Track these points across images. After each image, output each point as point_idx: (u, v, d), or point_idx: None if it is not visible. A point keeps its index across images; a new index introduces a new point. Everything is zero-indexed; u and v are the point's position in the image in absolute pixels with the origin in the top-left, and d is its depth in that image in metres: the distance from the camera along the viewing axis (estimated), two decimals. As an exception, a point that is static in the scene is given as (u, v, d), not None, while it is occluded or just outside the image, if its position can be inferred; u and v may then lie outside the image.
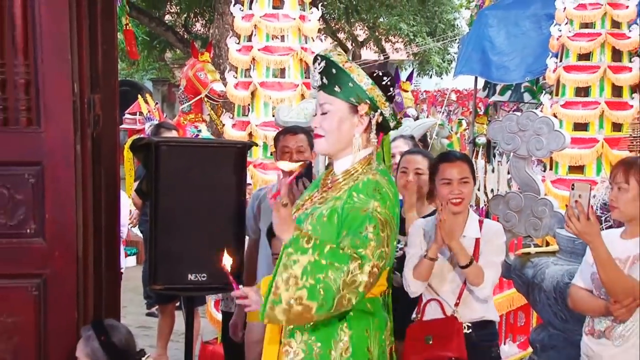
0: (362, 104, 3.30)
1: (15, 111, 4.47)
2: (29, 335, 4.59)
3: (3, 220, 4.49)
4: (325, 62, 3.27)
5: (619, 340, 4.24)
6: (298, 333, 3.28)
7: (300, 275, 3.00)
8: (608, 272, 4.12)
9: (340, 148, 3.34)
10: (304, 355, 3.26)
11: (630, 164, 4.20)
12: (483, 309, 4.78)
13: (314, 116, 3.40)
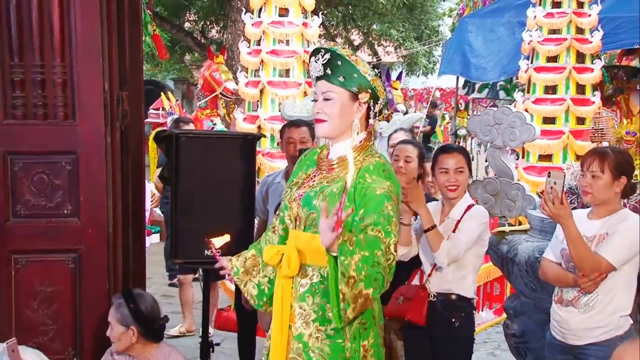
0: (364, 92, 3.28)
1: (53, 107, 4.47)
2: (67, 303, 4.60)
3: (43, 202, 4.51)
4: (330, 54, 3.25)
5: (584, 309, 4.25)
6: (309, 297, 3.26)
7: (356, 274, 2.96)
8: (578, 249, 4.14)
9: (341, 132, 3.31)
10: (315, 315, 3.24)
11: (604, 155, 4.19)
12: (453, 284, 4.73)
13: (314, 101, 3.35)
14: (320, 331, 3.24)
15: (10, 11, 4.37)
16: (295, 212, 3.31)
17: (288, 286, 3.30)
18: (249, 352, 6.11)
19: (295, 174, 3.49)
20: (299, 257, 3.27)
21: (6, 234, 4.51)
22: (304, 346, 3.24)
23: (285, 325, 3.28)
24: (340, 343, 3.25)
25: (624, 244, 4.15)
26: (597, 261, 4.13)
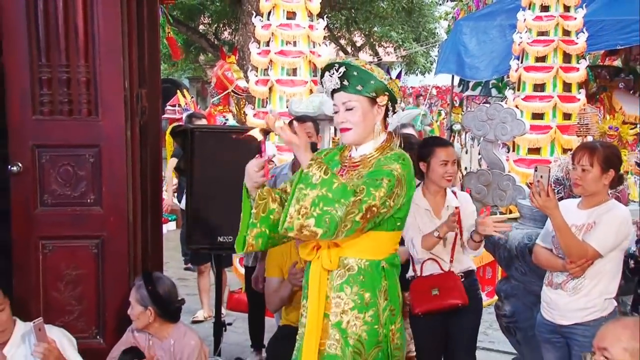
0: (382, 96, 3.27)
1: (78, 104, 4.48)
2: (90, 285, 4.61)
3: (69, 192, 4.52)
4: (345, 67, 3.24)
5: (572, 292, 4.26)
6: (346, 287, 3.24)
7: (309, 206, 2.95)
8: (565, 237, 4.15)
9: (366, 136, 3.30)
10: (353, 304, 3.24)
11: (593, 150, 4.20)
12: (467, 261, 4.89)
13: (335, 114, 3.32)
14: (359, 318, 3.24)
15: (38, 15, 4.38)
16: None
17: (324, 278, 3.28)
18: (259, 331, 6.12)
19: None
20: (337, 251, 3.26)
21: (35, 221, 4.52)
22: (342, 333, 3.24)
23: (321, 314, 3.26)
24: (376, 329, 3.27)
25: (609, 232, 4.15)
26: (584, 248, 4.14)
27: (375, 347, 3.26)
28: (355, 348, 3.23)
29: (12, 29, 4.42)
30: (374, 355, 3.26)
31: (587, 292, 4.24)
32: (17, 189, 4.52)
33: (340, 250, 3.25)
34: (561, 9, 11.51)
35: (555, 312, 4.37)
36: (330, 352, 3.24)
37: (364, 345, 3.24)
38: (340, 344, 3.24)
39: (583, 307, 4.25)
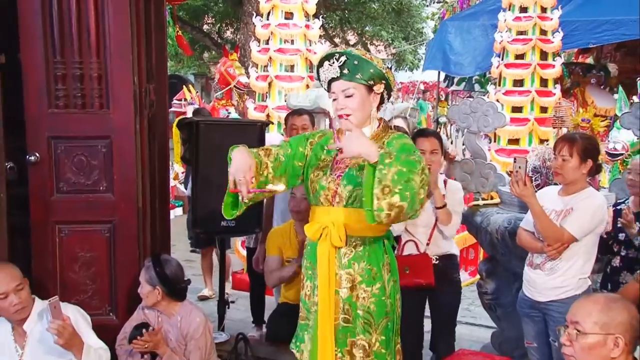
0: (379, 84, 3.27)
1: (90, 98, 4.48)
2: (103, 266, 4.62)
3: (82, 180, 4.52)
4: (345, 56, 3.22)
5: (549, 272, 4.29)
6: (354, 263, 3.25)
7: (391, 185, 2.87)
8: (542, 222, 4.19)
9: (363, 121, 3.29)
10: (361, 278, 3.24)
11: (573, 141, 4.22)
12: (447, 246, 4.90)
13: (334, 101, 3.29)
14: (367, 292, 3.25)
15: (53, 15, 4.37)
16: (334, 190, 3.26)
17: (333, 256, 3.27)
18: (259, 308, 6.13)
19: (316, 155, 3.42)
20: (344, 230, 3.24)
21: (51, 207, 4.52)
22: (353, 306, 3.25)
23: (332, 290, 3.26)
24: (384, 300, 3.28)
25: (585, 218, 4.17)
26: (560, 233, 4.16)
27: (384, 318, 3.28)
28: (365, 319, 3.25)
29: (28, 28, 4.40)
30: (383, 325, 3.28)
31: (563, 272, 4.26)
32: (35, 177, 4.52)
33: (347, 229, 3.25)
34: (538, 10, 11.57)
35: (534, 290, 4.40)
36: (342, 325, 3.25)
37: (373, 317, 3.26)
38: (351, 316, 3.25)
39: (559, 286, 4.27)
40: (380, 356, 3.26)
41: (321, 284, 3.28)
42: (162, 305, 4.35)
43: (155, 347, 4.21)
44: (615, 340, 2.58)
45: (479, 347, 5.80)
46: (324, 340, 3.25)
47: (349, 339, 3.25)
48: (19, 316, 3.98)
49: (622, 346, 2.58)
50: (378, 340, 3.26)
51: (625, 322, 2.59)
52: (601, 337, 2.60)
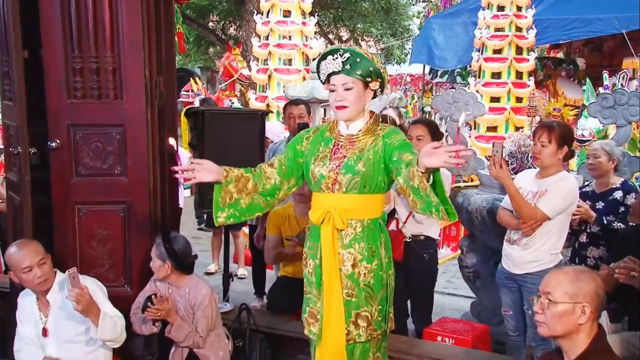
0: (374, 81, 3.27)
1: (106, 89, 4.46)
2: (118, 243, 4.62)
3: (99, 164, 4.52)
4: (349, 53, 3.22)
5: (524, 247, 4.33)
6: (355, 243, 3.26)
7: None
8: (517, 201, 4.23)
9: (357, 114, 3.29)
10: (361, 257, 3.26)
11: (551, 128, 4.24)
12: (423, 228, 4.85)
13: (332, 92, 3.28)
14: (367, 268, 3.27)
15: (71, 14, 4.35)
16: (334, 178, 3.26)
17: (336, 238, 3.28)
18: (261, 280, 6.15)
19: (314, 149, 3.40)
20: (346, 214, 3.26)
21: (71, 189, 4.52)
22: (355, 282, 3.26)
23: (337, 268, 3.27)
24: (381, 274, 3.30)
25: (557, 199, 4.19)
26: (534, 211, 4.19)
27: (381, 290, 3.31)
28: (366, 292, 3.27)
29: (49, 26, 4.39)
30: (381, 296, 3.31)
31: (537, 247, 4.29)
32: (56, 162, 4.51)
33: (348, 213, 3.26)
34: (514, 9, 11.70)
35: (511, 263, 4.43)
36: (347, 299, 3.27)
37: (373, 290, 3.28)
38: (354, 291, 3.27)
39: (533, 260, 4.30)
40: (377, 324, 3.30)
41: (326, 263, 3.29)
42: (171, 278, 4.36)
43: (166, 315, 4.22)
44: (582, 309, 2.60)
45: (459, 315, 5.84)
46: (331, 314, 3.27)
47: (354, 311, 3.27)
48: (42, 288, 4.00)
49: (589, 314, 2.60)
50: (377, 310, 3.30)
51: (592, 292, 2.61)
52: (570, 306, 2.62)
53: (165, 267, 4.30)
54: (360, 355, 3.30)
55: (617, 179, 4.98)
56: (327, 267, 3.28)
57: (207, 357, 4.37)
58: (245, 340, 4.68)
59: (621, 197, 4.81)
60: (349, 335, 3.26)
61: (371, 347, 3.33)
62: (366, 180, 3.21)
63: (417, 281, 4.94)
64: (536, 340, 4.37)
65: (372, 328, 3.28)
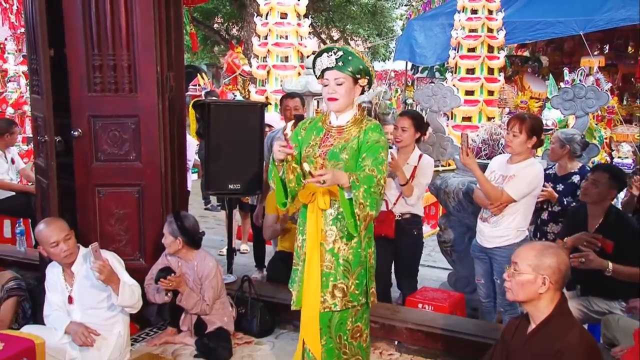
0: (363, 78, 3.27)
1: (122, 84, 4.47)
2: (133, 221, 4.63)
3: (116, 151, 4.53)
4: (342, 52, 3.22)
5: (494, 224, 4.37)
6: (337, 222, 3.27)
7: (363, 201, 3.07)
8: (483, 185, 4.28)
9: (346, 106, 3.29)
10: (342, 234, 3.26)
11: (522, 120, 4.26)
12: (410, 207, 4.85)
13: (325, 87, 3.29)
14: (347, 245, 3.26)
15: (92, 17, 4.36)
16: (321, 164, 3.27)
17: (320, 216, 3.28)
18: (261, 255, 6.16)
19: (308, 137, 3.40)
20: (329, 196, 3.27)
21: (91, 173, 4.53)
22: (335, 256, 3.26)
23: (318, 243, 3.28)
24: (359, 252, 3.29)
25: (523, 183, 4.21)
26: (499, 194, 4.22)
27: (359, 266, 3.29)
28: (344, 267, 3.26)
29: (72, 28, 4.39)
30: (358, 272, 3.29)
31: (505, 225, 4.31)
32: (78, 149, 4.51)
33: (331, 195, 3.26)
34: (486, 12, 11.78)
35: (483, 238, 4.46)
36: (326, 271, 3.27)
37: (351, 265, 3.27)
38: (333, 264, 3.26)
39: (500, 236, 4.33)
40: (353, 296, 3.29)
41: (309, 239, 3.30)
42: (182, 253, 4.38)
43: (177, 286, 4.25)
44: (543, 280, 2.63)
45: (438, 284, 5.87)
46: (310, 283, 3.28)
47: (331, 282, 3.26)
48: (68, 260, 4.01)
49: (548, 284, 2.63)
50: (353, 284, 3.28)
51: (553, 266, 2.63)
52: (532, 276, 2.65)
53: (177, 243, 4.32)
54: (337, 323, 3.30)
55: (577, 164, 5.00)
56: (310, 241, 3.30)
57: (214, 323, 4.41)
58: (247, 308, 4.70)
59: (578, 180, 4.84)
60: (325, 303, 3.26)
61: (349, 317, 3.32)
62: (348, 168, 3.20)
63: (407, 253, 4.96)
64: (504, 306, 4.42)
65: (347, 299, 3.27)
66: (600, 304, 4.08)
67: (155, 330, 4.71)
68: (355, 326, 3.35)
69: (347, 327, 3.32)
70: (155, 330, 4.70)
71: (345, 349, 3.33)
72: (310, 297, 3.28)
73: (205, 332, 4.38)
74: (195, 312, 4.36)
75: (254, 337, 4.60)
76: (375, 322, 4.35)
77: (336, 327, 3.30)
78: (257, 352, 4.41)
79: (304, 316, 3.35)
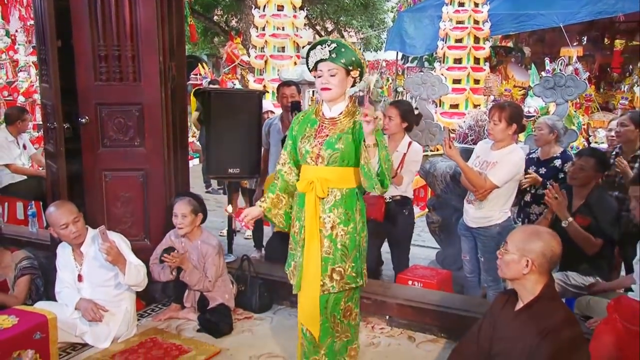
0: (355, 70, 3.25)
1: (126, 73, 4.46)
2: (139, 203, 4.64)
3: (121, 137, 4.53)
4: (336, 44, 3.20)
5: (478, 206, 4.38)
6: (334, 209, 3.25)
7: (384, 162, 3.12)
8: (467, 173, 4.30)
9: (339, 96, 3.26)
10: (339, 220, 3.24)
11: (502, 108, 4.27)
12: (400, 191, 4.82)
13: (319, 77, 3.25)
14: (344, 230, 3.25)
15: (97, 10, 4.35)
16: (317, 154, 3.24)
17: (318, 204, 3.26)
18: (259, 235, 6.17)
19: (301, 130, 3.38)
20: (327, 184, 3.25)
21: (98, 158, 4.53)
22: (333, 242, 3.25)
23: (317, 230, 3.26)
24: (355, 236, 3.28)
25: (504, 169, 4.22)
26: (483, 181, 4.25)
27: (355, 250, 3.29)
28: (342, 251, 3.25)
29: (79, 21, 4.37)
30: (354, 255, 3.29)
31: (489, 208, 4.34)
32: (86, 135, 4.51)
33: (328, 183, 3.24)
34: (472, 5, 11.83)
35: (468, 218, 4.48)
36: (325, 256, 3.26)
37: (347, 249, 3.26)
38: (332, 249, 3.25)
39: (484, 217, 4.35)
40: (350, 278, 3.29)
41: (308, 226, 3.28)
42: (191, 232, 4.41)
43: (180, 263, 4.27)
44: (527, 262, 2.65)
45: (427, 262, 5.89)
46: (311, 268, 3.28)
47: (330, 267, 3.26)
48: (77, 241, 4.03)
49: (532, 267, 2.65)
50: (350, 267, 3.28)
51: (538, 251, 2.65)
52: (516, 257, 2.67)
53: (198, 219, 4.40)
54: (332, 304, 3.30)
55: (559, 148, 5.01)
56: (309, 228, 3.27)
57: (215, 299, 4.43)
58: (247, 285, 4.72)
59: (560, 164, 4.86)
60: (324, 286, 3.26)
61: (343, 297, 3.32)
62: (344, 156, 3.20)
63: (398, 233, 4.95)
64: (488, 281, 4.46)
65: (344, 281, 3.27)
66: (576, 279, 4.15)
67: (160, 306, 4.73)
68: (346, 306, 3.37)
69: (340, 307, 3.33)
70: (160, 307, 4.72)
71: (337, 327, 3.35)
72: (310, 282, 3.28)
73: (207, 308, 4.41)
74: (198, 288, 4.38)
75: (253, 313, 4.62)
76: (368, 298, 4.38)
77: (332, 308, 3.31)
78: (256, 326, 4.44)
79: (303, 300, 3.35)
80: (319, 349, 3.35)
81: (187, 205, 4.37)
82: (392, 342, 4.19)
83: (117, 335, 4.10)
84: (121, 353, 3.95)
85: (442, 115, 11.32)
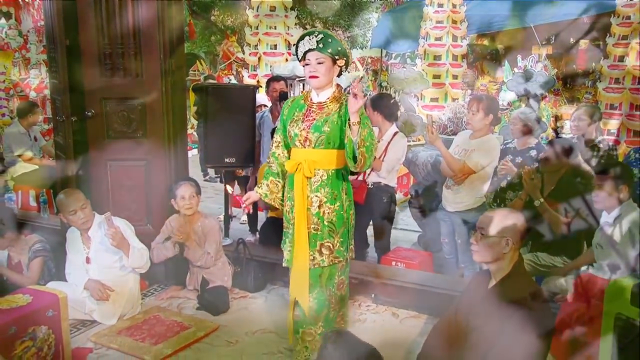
0: (341, 59, 3.23)
1: (129, 69, 4.45)
2: (141, 191, 4.64)
3: (125, 129, 4.52)
4: (322, 35, 3.19)
5: (456, 191, 4.41)
6: (321, 188, 3.24)
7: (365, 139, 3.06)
8: (447, 159, 4.32)
9: (326, 84, 3.25)
10: (326, 199, 3.24)
11: (479, 100, 4.31)
12: (381, 178, 4.81)
13: (306, 66, 3.23)
14: (330, 208, 3.25)
15: (102, 11, 4.33)
16: (305, 136, 3.24)
17: (305, 183, 3.26)
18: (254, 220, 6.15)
19: (290, 114, 3.38)
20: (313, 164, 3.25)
21: (104, 148, 4.52)
22: (321, 219, 3.25)
23: (305, 208, 3.26)
24: (342, 214, 3.28)
25: (481, 156, 4.25)
26: (461, 166, 4.26)
27: (342, 227, 3.29)
28: (329, 227, 3.25)
29: (85, 20, 4.35)
30: (342, 231, 3.29)
31: (465, 193, 4.36)
32: (92, 127, 4.50)
33: (315, 164, 3.24)
34: (451, 6, 11.83)
35: (447, 203, 4.51)
36: (313, 232, 3.27)
37: (335, 226, 3.26)
38: (319, 226, 3.26)
39: (460, 202, 4.39)
40: (339, 252, 3.31)
41: (297, 204, 3.28)
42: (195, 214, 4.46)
43: (185, 238, 4.33)
44: (506, 241, 2.68)
45: (409, 245, 5.90)
46: (300, 244, 3.29)
47: (319, 242, 3.27)
48: (85, 226, 4.04)
49: (511, 245, 2.69)
50: (338, 242, 3.29)
51: (514, 229, 2.68)
52: (497, 239, 2.69)
53: (199, 199, 4.46)
54: (327, 278, 3.31)
55: (534, 140, 5.02)
56: (298, 207, 3.27)
57: (215, 282, 4.45)
58: (242, 267, 4.72)
59: (535, 154, 4.88)
60: (315, 260, 3.27)
61: (336, 272, 3.34)
62: (330, 139, 3.19)
63: (378, 218, 4.97)
64: (465, 262, 4.50)
65: (333, 255, 3.28)
66: (546, 259, 4.17)
67: (162, 286, 4.74)
68: (340, 279, 3.38)
69: (334, 281, 3.34)
70: (162, 287, 4.73)
71: (332, 299, 3.36)
72: (300, 257, 3.29)
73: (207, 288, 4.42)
74: (200, 264, 4.39)
75: (248, 292, 4.62)
76: (355, 278, 4.39)
77: (326, 281, 3.32)
78: (251, 305, 4.45)
79: (294, 273, 3.36)
80: (317, 321, 3.35)
81: (192, 187, 4.41)
82: (378, 319, 4.21)
83: (123, 313, 4.11)
84: (127, 329, 3.97)
85: (423, 108, 11.32)
